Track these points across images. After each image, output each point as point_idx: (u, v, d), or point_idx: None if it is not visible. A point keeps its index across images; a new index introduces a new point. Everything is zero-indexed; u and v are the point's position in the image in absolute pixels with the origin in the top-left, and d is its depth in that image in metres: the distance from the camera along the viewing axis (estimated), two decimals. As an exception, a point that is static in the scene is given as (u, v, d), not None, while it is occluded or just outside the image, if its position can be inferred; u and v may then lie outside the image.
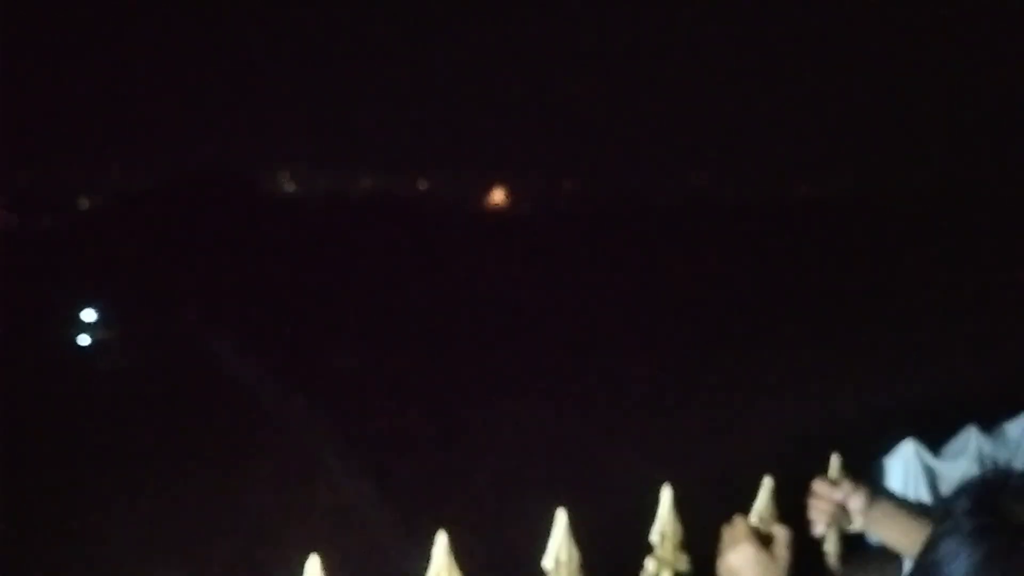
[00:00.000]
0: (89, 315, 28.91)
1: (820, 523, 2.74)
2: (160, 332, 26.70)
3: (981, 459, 3.14)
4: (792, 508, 2.75)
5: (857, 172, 63.24)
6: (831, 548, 2.86)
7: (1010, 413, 3.21)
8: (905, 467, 2.97)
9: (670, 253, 34.52)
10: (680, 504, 2.37)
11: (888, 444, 2.95)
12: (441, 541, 1.86)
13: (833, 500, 2.67)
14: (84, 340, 28.45)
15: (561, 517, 2.14)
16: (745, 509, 2.58)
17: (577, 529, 2.14)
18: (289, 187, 58.14)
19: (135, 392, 20.63)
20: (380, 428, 17.12)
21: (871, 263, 32.25)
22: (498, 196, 56.92)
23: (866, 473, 2.93)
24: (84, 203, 52.67)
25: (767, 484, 2.58)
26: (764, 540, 2.28)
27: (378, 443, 16.10)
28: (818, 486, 2.71)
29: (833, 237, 36.85)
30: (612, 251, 35.56)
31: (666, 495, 2.37)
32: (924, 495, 2.95)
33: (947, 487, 3.08)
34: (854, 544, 2.90)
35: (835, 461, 2.80)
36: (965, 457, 3.11)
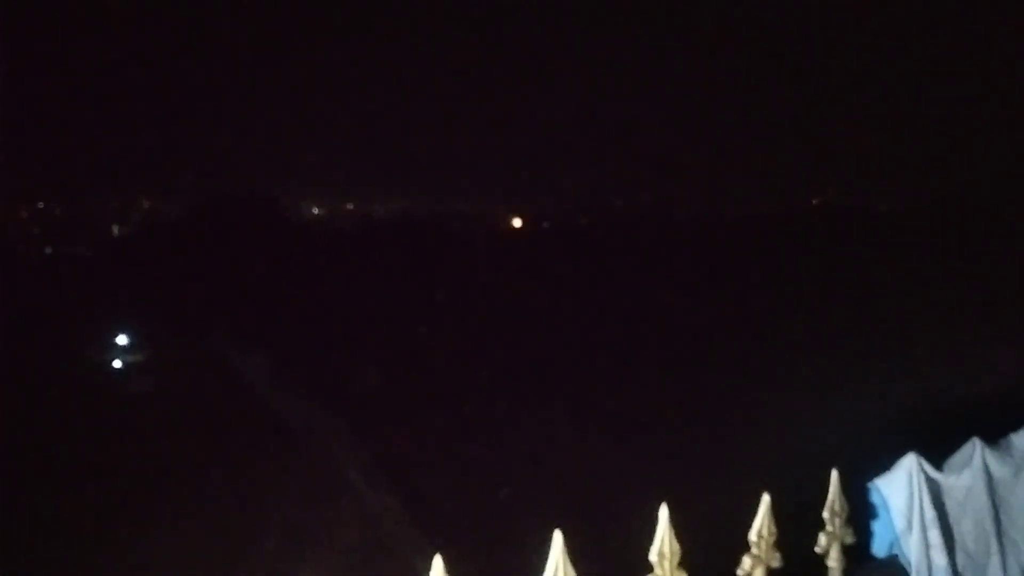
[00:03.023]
0: (122, 338, 29.40)
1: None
2: (191, 353, 27.06)
3: (986, 472, 3.14)
4: (793, 523, 2.78)
5: (859, 186, 62.75)
6: (834, 563, 2.89)
7: (1015, 424, 3.20)
8: (908, 481, 2.98)
9: (664, 271, 34.25)
10: (678, 522, 2.38)
11: (890, 458, 2.96)
12: (437, 564, 1.91)
13: None
14: (118, 363, 28.91)
15: (557, 539, 2.17)
16: (744, 527, 2.61)
17: (577, 550, 2.18)
18: (314, 211, 58.77)
19: (168, 410, 20.93)
20: (401, 446, 17.18)
21: (869, 276, 31.69)
22: (514, 219, 57.07)
23: (867, 489, 2.96)
24: (116, 230, 53.50)
25: (765, 501, 2.61)
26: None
27: (400, 461, 16.15)
28: None
29: (830, 250, 36.30)
30: (611, 270, 35.38)
31: (663, 514, 2.37)
32: (928, 510, 2.97)
33: (952, 501, 3.10)
34: (857, 557, 2.93)
35: (835, 476, 2.83)
36: (969, 470, 3.11)
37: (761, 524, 2.60)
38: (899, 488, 2.98)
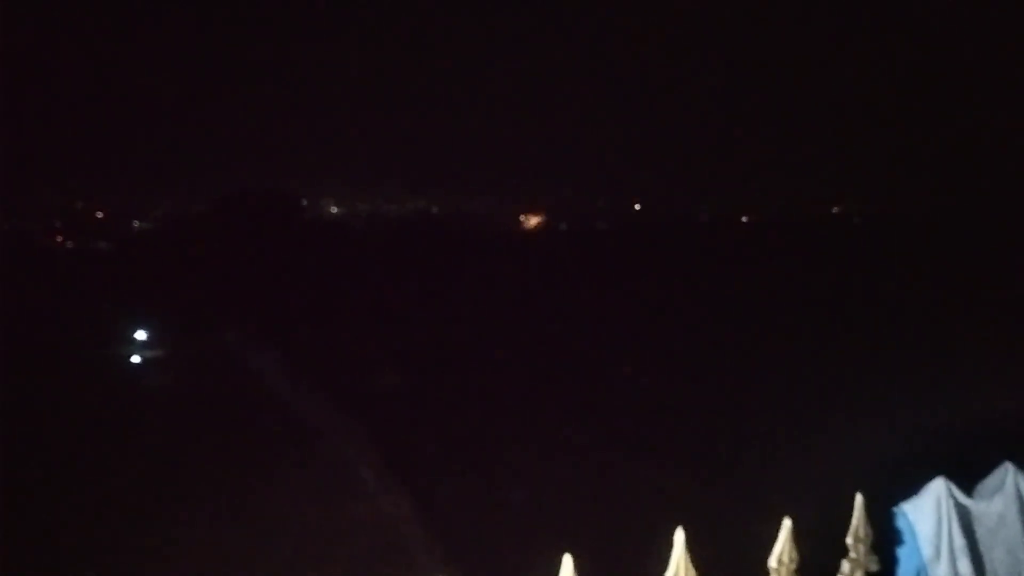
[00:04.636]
0: (141, 333, 29.64)
1: None
2: (209, 349, 27.24)
3: (1019, 498, 3.00)
4: (816, 549, 2.67)
5: (882, 194, 62.15)
6: (858, 591, 2.76)
7: (1050, 449, 3.07)
8: (936, 507, 2.85)
9: (684, 284, 33.69)
10: (695, 547, 2.28)
11: (917, 482, 2.84)
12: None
13: None
14: (136, 358, 29.15)
15: (567, 563, 2.09)
16: (764, 552, 2.50)
17: (588, 574, 2.08)
18: (333, 209, 59.15)
19: (184, 406, 21.02)
20: (409, 453, 17.08)
21: (894, 292, 30.99)
22: (532, 219, 57.24)
23: (893, 514, 2.84)
24: (137, 226, 54.08)
25: (787, 526, 2.50)
26: None
27: (407, 469, 16.03)
28: None
29: (852, 264, 35.57)
30: (630, 277, 34.92)
31: (679, 539, 2.26)
32: (957, 537, 2.84)
33: (983, 529, 2.96)
34: (882, 586, 2.81)
35: (860, 500, 2.71)
36: (1001, 496, 2.98)
37: (782, 550, 2.49)
38: (927, 514, 2.85)
